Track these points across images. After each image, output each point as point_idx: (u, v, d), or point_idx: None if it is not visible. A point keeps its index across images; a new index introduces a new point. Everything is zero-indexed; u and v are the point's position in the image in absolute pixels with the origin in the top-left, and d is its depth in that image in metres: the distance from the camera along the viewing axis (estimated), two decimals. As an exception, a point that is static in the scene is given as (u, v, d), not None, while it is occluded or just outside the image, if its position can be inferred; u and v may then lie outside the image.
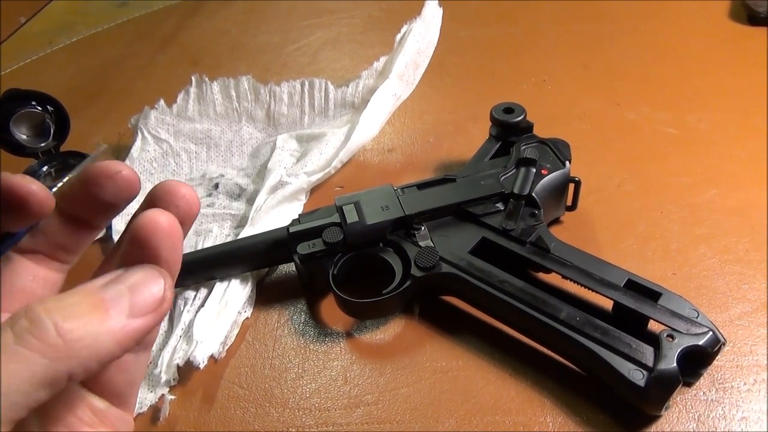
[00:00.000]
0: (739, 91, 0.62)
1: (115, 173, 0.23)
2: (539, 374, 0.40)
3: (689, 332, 0.36)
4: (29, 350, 0.18)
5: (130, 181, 0.23)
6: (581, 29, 0.76)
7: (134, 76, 0.80)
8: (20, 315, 0.18)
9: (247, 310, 0.46)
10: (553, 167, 0.47)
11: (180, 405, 0.41)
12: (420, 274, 0.42)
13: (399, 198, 0.46)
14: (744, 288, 0.43)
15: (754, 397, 0.37)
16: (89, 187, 0.23)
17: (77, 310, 0.19)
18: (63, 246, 0.24)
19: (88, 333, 0.19)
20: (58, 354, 0.18)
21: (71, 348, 0.18)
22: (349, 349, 0.43)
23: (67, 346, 0.18)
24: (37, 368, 0.18)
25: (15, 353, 0.18)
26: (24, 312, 0.18)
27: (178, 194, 0.24)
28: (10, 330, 0.18)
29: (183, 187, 0.24)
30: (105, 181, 0.23)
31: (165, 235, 0.22)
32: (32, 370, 0.18)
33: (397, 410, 0.39)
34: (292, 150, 0.59)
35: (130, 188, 0.23)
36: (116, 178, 0.23)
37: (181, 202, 0.24)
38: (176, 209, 0.23)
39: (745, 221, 0.48)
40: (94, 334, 0.19)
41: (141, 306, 0.20)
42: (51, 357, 0.18)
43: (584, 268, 0.41)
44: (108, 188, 0.23)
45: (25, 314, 0.18)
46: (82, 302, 0.19)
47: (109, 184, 0.23)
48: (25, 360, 0.18)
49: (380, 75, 0.61)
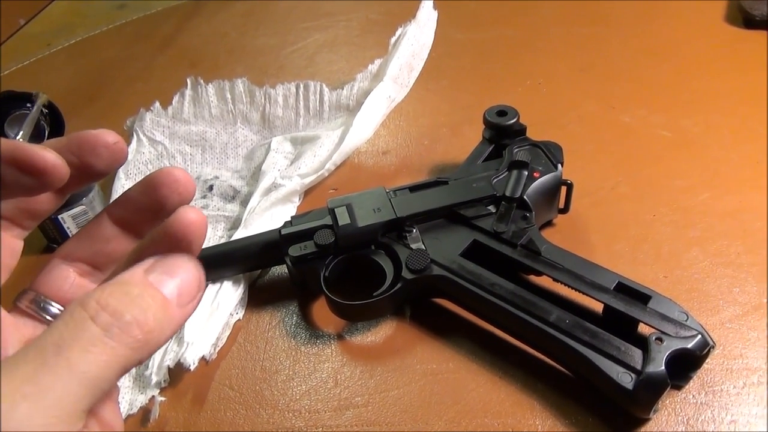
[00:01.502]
0: (734, 94, 0.62)
1: (113, 143, 0.23)
2: (529, 377, 0.40)
3: (678, 335, 0.36)
4: (116, 342, 0.19)
5: (123, 152, 0.24)
6: (577, 32, 0.76)
7: (133, 77, 0.80)
8: (95, 308, 0.19)
9: (238, 311, 0.46)
10: (545, 170, 0.47)
11: (170, 406, 0.41)
12: (411, 277, 0.42)
13: (391, 200, 0.46)
14: (735, 291, 0.43)
15: (744, 401, 0.37)
16: (84, 155, 0.23)
17: (145, 303, 0.20)
18: (30, 212, 0.24)
19: (158, 323, 0.20)
20: (139, 345, 0.19)
21: (148, 339, 0.20)
22: (340, 351, 0.43)
23: (145, 338, 0.20)
24: (123, 359, 0.19)
25: (105, 345, 0.19)
26: (98, 304, 0.19)
27: (178, 180, 0.24)
28: (92, 322, 0.19)
29: (180, 172, 0.24)
30: (102, 150, 0.23)
31: (198, 230, 0.23)
32: (120, 361, 0.19)
33: (387, 412, 0.39)
34: (287, 152, 0.59)
35: (122, 158, 0.24)
36: (113, 148, 0.23)
37: (181, 188, 0.24)
38: (178, 196, 0.24)
39: (738, 224, 0.48)
40: (161, 323, 0.20)
41: (186, 294, 0.22)
42: (134, 348, 0.19)
43: (575, 271, 0.41)
44: (103, 157, 0.23)
45: (103, 307, 0.19)
46: (144, 294, 0.20)
47: (106, 153, 0.23)
48: (115, 352, 0.19)
49: (375, 78, 0.62)
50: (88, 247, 0.25)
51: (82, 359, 0.18)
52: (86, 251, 0.25)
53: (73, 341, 0.18)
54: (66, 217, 0.51)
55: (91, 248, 0.25)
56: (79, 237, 0.26)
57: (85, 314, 0.19)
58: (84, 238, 0.25)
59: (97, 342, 0.19)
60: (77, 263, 0.25)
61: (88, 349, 0.18)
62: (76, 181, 0.24)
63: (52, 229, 0.52)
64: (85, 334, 0.19)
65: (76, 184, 0.24)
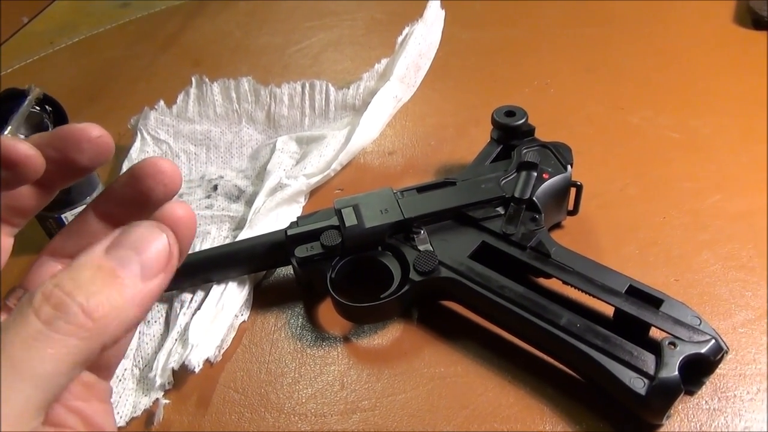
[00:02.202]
0: (743, 95, 0.62)
1: (97, 137, 0.22)
2: (539, 381, 0.39)
3: (691, 340, 0.35)
4: (62, 335, 0.18)
5: (109, 146, 0.23)
6: (584, 32, 0.76)
7: (136, 76, 0.80)
8: (39, 300, 0.18)
9: (244, 313, 0.46)
10: (555, 171, 0.47)
11: (174, 409, 0.40)
12: (419, 279, 0.42)
13: (398, 201, 0.45)
14: (747, 295, 0.43)
15: (757, 407, 0.37)
16: (67, 150, 0.22)
17: (95, 286, 0.19)
18: (20, 210, 0.23)
19: (112, 306, 0.19)
20: (90, 333, 0.18)
21: (100, 325, 0.19)
22: (347, 354, 0.43)
23: (97, 324, 0.18)
24: (73, 350, 0.18)
25: (49, 339, 0.18)
26: (42, 296, 0.18)
27: (164, 172, 0.23)
28: (35, 316, 0.18)
29: (165, 163, 0.23)
30: (85, 145, 0.22)
31: (186, 227, 0.22)
32: (70, 353, 0.18)
33: (394, 417, 0.39)
34: (292, 152, 0.58)
35: (107, 153, 0.23)
36: (97, 142, 0.22)
37: (166, 180, 0.23)
38: (164, 188, 0.23)
39: (749, 227, 0.47)
40: (117, 306, 0.19)
41: (151, 266, 0.20)
42: (84, 337, 0.18)
43: (585, 273, 0.40)
44: (87, 152, 0.22)
45: (47, 298, 0.18)
46: (96, 276, 0.19)
47: (89, 147, 0.22)
48: (62, 344, 0.18)
49: (381, 77, 0.61)
50: (75, 243, 0.24)
51: (25, 356, 0.17)
52: (73, 247, 0.24)
53: (15, 338, 0.18)
54: (69, 215, 0.50)
55: (78, 244, 0.24)
56: (66, 233, 0.25)
57: (29, 309, 0.18)
58: (70, 234, 0.25)
59: (40, 336, 0.18)
60: (65, 259, 0.25)
61: (30, 345, 0.18)
62: (62, 176, 0.23)
63: (55, 228, 0.51)
64: (27, 329, 0.18)
65: (62, 180, 0.23)
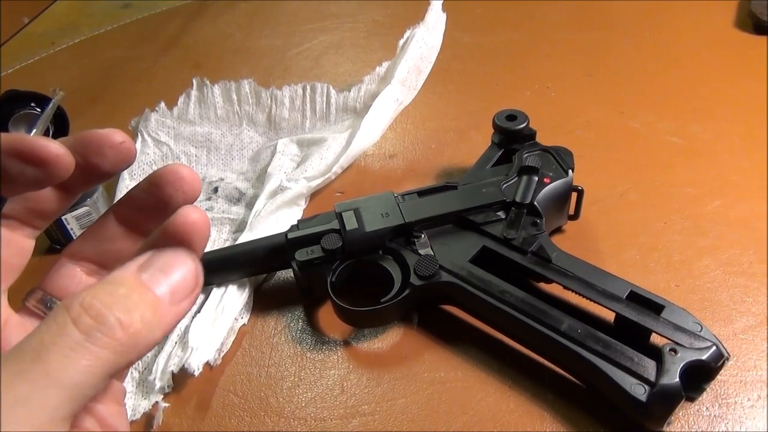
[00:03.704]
0: (744, 100, 0.62)
1: (120, 143, 0.23)
2: (539, 387, 0.39)
3: (692, 346, 0.35)
4: (99, 347, 0.18)
5: (131, 152, 0.23)
6: (586, 37, 0.76)
7: (137, 77, 0.80)
8: (77, 310, 0.19)
9: (244, 316, 0.46)
10: (556, 176, 0.47)
11: (174, 413, 0.40)
12: (419, 283, 0.42)
13: (399, 205, 0.45)
14: (748, 301, 0.43)
15: (758, 414, 0.37)
16: (89, 155, 0.22)
17: (131, 302, 0.19)
18: (40, 212, 0.24)
19: (145, 324, 0.19)
20: (124, 348, 0.19)
21: (134, 341, 0.19)
22: (347, 358, 0.43)
23: (131, 340, 0.19)
24: (107, 363, 0.18)
25: (85, 350, 0.18)
26: (81, 307, 0.19)
27: (183, 179, 0.24)
28: (73, 326, 0.18)
29: (185, 170, 0.24)
30: (107, 150, 0.22)
31: (200, 231, 0.22)
32: (103, 365, 0.18)
33: (393, 421, 0.39)
34: (293, 155, 0.58)
35: (129, 158, 0.23)
36: (119, 148, 0.23)
37: (186, 187, 0.24)
38: (183, 195, 0.24)
39: (750, 233, 0.47)
40: (149, 324, 0.19)
41: (179, 292, 0.21)
42: (117, 351, 0.19)
43: (586, 278, 0.40)
44: (109, 157, 0.23)
45: (86, 310, 0.19)
46: (132, 294, 0.20)
47: (111, 153, 0.23)
48: (96, 356, 0.18)
49: (382, 80, 0.61)
50: (94, 247, 0.25)
51: (60, 365, 0.18)
52: (92, 250, 0.25)
53: (52, 346, 0.18)
54: (69, 218, 0.50)
55: (97, 247, 0.25)
56: (86, 236, 0.25)
57: (67, 317, 0.18)
58: (90, 238, 0.25)
59: (78, 347, 0.18)
60: (84, 262, 0.25)
61: (67, 354, 0.18)
62: (83, 181, 0.23)
63: (56, 230, 0.51)
64: (66, 339, 0.18)
65: (83, 185, 0.24)
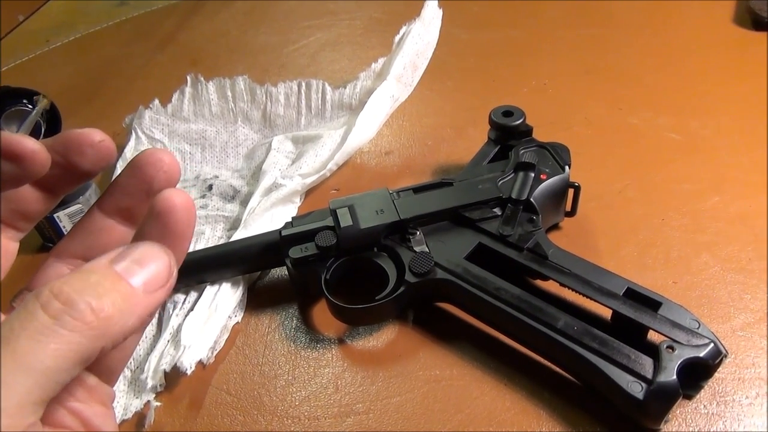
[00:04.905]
0: (743, 96, 0.61)
1: (99, 141, 0.23)
2: (535, 385, 0.39)
3: (690, 343, 0.35)
4: (68, 330, 0.18)
5: (110, 151, 0.23)
6: (584, 33, 0.75)
7: (132, 75, 0.79)
8: (47, 296, 0.19)
9: (237, 314, 0.45)
10: (553, 172, 0.46)
11: (166, 412, 0.40)
12: (414, 280, 0.41)
13: (394, 202, 0.45)
14: (746, 298, 0.42)
15: (756, 411, 0.36)
16: (69, 155, 0.23)
17: (102, 288, 0.20)
18: (24, 214, 0.24)
19: (117, 310, 0.19)
20: (95, 332, 0.19)
21: (105, 326, 0.19)
22: (341, 356, 0.42)
23: (102, 324, 0.19)
24: (78, 347, 0.18)
25: (55, 334, 0.18)
26: (51, 293, 0.19)
27: (162, 159, 0.24)
28: (42, 311, 0.18)
29: (163, 153, 0.24)
30: (87, 149, 0.23)
31: (184, 213, 0.22)
32: (73, 350, 0.18)
33: (388, 420, 0.38)
34: (288, 152, 0.58)
35: (109, 157, 0.23)
36: (99, 147, 0.23)
37: (165, 167, 0.24)
38: (165, 175, 0.24)
39: (749, 230, 0.47)
40: (121, 310, 0.20)
41: (153, 281, 0.21)
42: (89, 336, 0.19)
43: (583, 275, 0.40)
44: (89, 156, 0.23)
45: (56, 295, 0.19)
46: (104, 281, 0.20)
47: (91, 152, 0.23)
48: (67, 340, 0.18)
49: (378, 77, 0.60)
50: (81, 243, 0.25)
51: (29, 350, 0.18)
52: (80, 247, 0.25)
53: (21, 332, 0.18)
54: (62, 215, 0.50)
55: (84, 243, 0.25)
56: (73, 234, 0.25)
57: (36, 304, 0.19)
58: (77, 235, 0.25)
59: (46, 331, 0.18)
60: (72, 260, 0.25)
61: (36, 338, 0.18)
62: (66, 181, 0.23)
63: (48, 228, 0.51)
64: (34, 324, 0.18)
65: (65, 185, 0.24)
